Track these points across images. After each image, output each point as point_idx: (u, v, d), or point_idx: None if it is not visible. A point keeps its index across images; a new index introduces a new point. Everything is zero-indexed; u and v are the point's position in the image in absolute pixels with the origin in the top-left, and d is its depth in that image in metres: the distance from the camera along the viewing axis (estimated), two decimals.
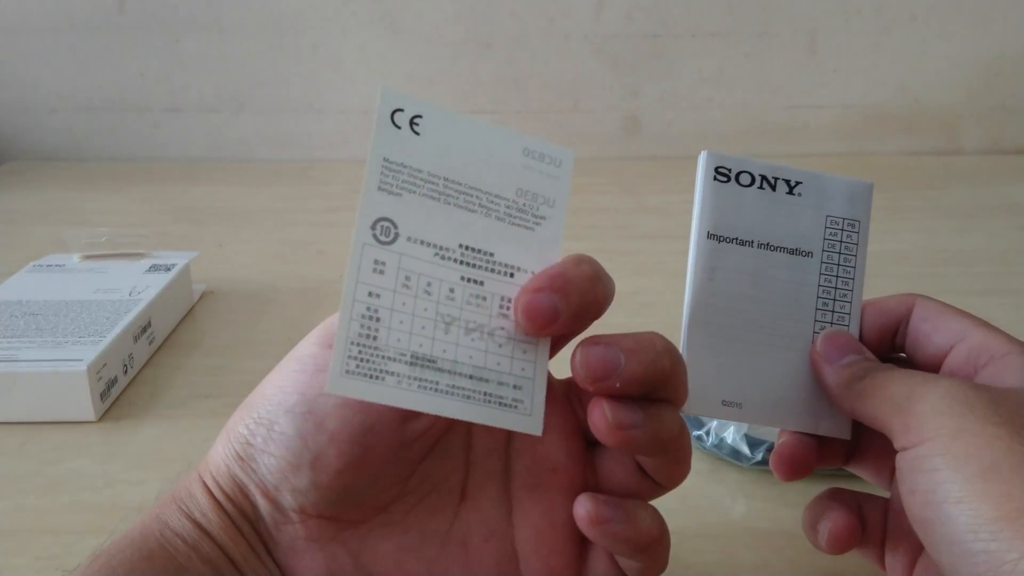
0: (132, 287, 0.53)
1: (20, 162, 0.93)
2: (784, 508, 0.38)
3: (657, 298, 0.57)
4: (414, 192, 0.26)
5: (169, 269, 0.56)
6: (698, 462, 0.40)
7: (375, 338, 0.24)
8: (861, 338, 0.31)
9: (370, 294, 0.24)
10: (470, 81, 0.92)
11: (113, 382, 0.47)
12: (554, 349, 0.28)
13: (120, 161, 0.93)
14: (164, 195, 0.83)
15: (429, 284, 0.25)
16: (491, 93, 0.92)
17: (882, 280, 0.33)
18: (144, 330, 0.51)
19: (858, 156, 0.94)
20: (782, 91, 0.93)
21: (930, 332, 0.30)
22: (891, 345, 0.31)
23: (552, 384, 0.29)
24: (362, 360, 0.24)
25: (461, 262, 0.26)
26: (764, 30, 0.90)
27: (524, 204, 0.27)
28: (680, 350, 0.28)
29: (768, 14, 0.90)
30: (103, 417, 0.46)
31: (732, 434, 0.40)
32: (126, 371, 0.49)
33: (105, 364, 0.46)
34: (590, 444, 0.30)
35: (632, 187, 0.85)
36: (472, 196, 0.26)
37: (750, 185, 0.31)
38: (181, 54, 0.91)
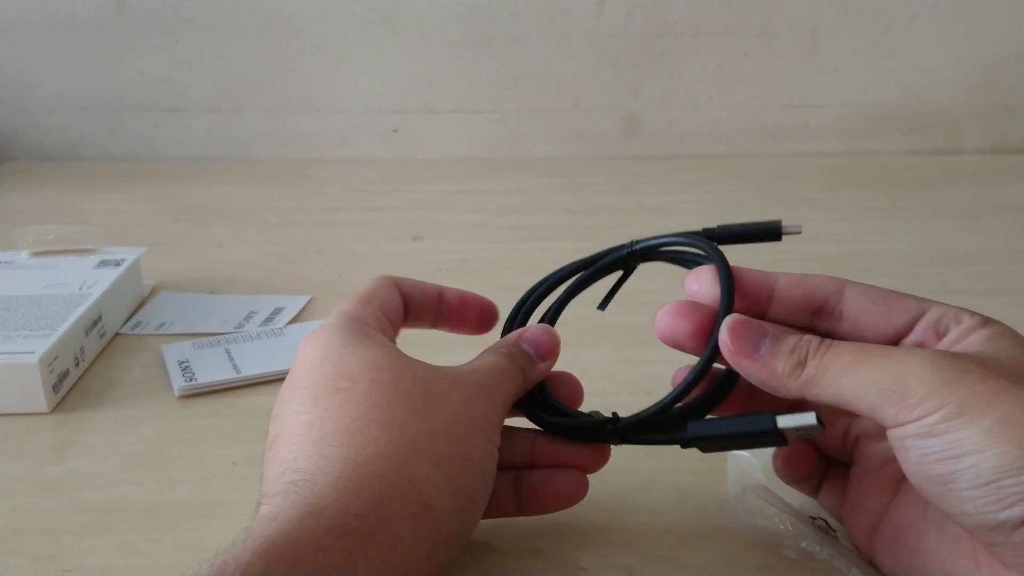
0: (82, 282, 0.54)
1: (20, 162, 0.93)
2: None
3: (657, 298, 0.57)
4: None
5: (119, 264, 0.57)
6: (699, 461, 0.40)
7: None
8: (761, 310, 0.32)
9: None
10: (470, 81, 0.92)
11: (65, 374, 0.48)
12: None
13: (120, 161, 0.93)
14: (164, 195, 0.83)
15: None
16: (491, 93, 0.92)
17: (883, 280, 0.33)
18: (95, 323, 0.52)
19: (858, 156, 0.94)
20: (782, 90, 0.92)
21: (885, 313, 0.30)
22: (808, 323, 0.31)
23: None
24: None
25: None
26: (764, 29, 0.90)
27: None
28: None
29: (768, 13, 0.89)
30: (56, 409, 0.47)
31: None
32: (78, 363, 0.49)
33: (57, 356, 0.47)
34: None
35: (632, 187, 0.85)
36: None
37: None
38: (181, 54, 0.91)
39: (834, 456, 0.33)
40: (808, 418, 0.28)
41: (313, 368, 0.31)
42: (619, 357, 0.50)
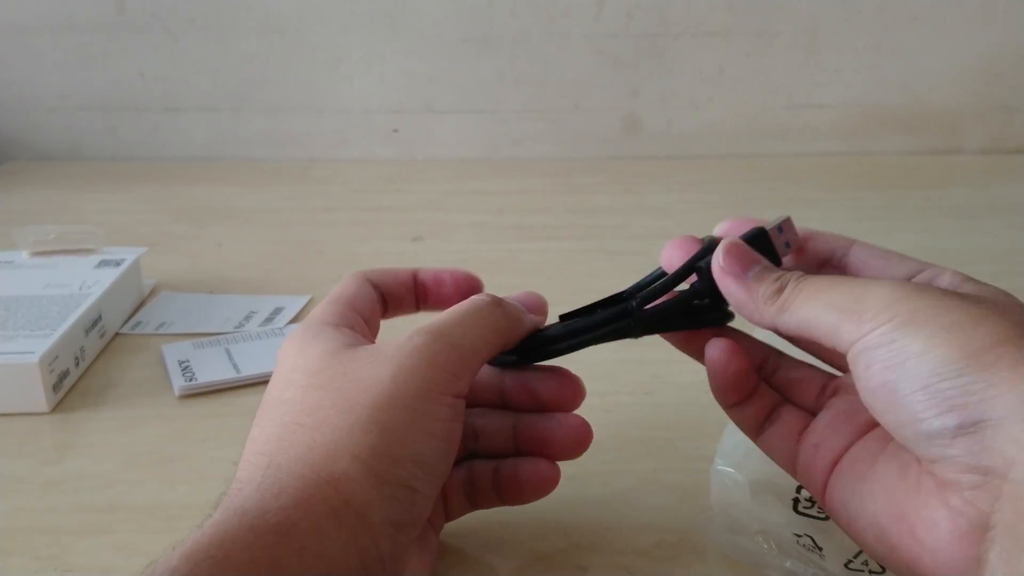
0: (82, 282, 0.54)
1: (19, 162, 0.93)
2: (785, 508, 0.38)
3: None
4: None
5: (119, 264, 0.57)
6: (699, 463, 0.40)
7: None
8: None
9: None
10: (470, 81, 0.92)
11: (65, 374, 0.48)
12: None
13: (119, 161, 0.93)
14: (164, 195, 0.83)
15: None
16: (491, 93, 0.92)
17: None
18: (95, 323, 0.52)
19: (858, 156, 0.94)
20: (782, 90, 0.92)
21: (884, 267, 0.31)
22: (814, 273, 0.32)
23: None
24: None
25: None
26: (764, 29, 0.90)
27: None
28: None
29: (769, 13, 0.89)
30: (56, 409, 0.47)
31: None
32: (78, 363, 0.50)
33: (57, 356, 0.47)
34: None
35: (632, 187, 0.85)
36: None
37: None
38: (181, 54, 0.91)
39: (806, 406, 0.33)
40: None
41: (273, 379, 0.32)
42: (619, 357, 0.50)
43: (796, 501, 0.35)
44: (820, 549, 0.33)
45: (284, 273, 0.65)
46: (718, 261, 0.31)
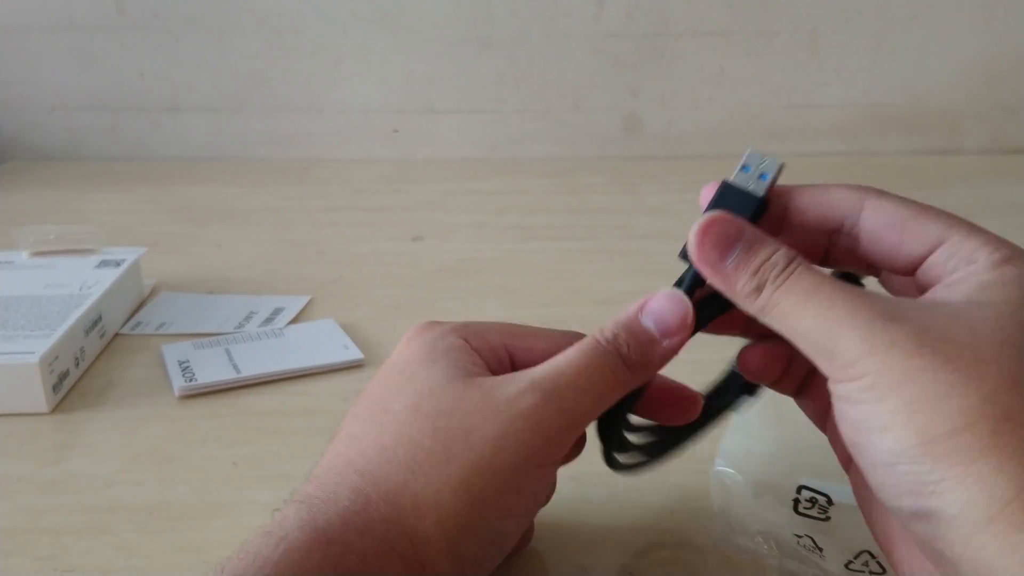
0: (82, 282, 0.54)
1: (19, 162, 0.93)
2: (785, 508, 0.38)
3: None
4: None
5: (119, 264, 0.57)
6: (699, 464, 0.40)
7: None
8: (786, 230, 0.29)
9: None
10: (470, 81, 0.92)
11: (65, 375, 0.48)
12: None
13: (119, 161, 0.93)
14: (164, 195, 0.83)
15: None
16: (491, 93, 0.92)
17: None
18: (95, 324, 0.52)
19: (859, 156, 0.94)
20: (783, 90, 0.92)
21: (898, 243, 0.28)
22: (826, 242, 0.29)
23: None
24: None
25: None
26: (765, 29, 0.90)
27: None
28: None
29: (769, 13, 0.89)
30: (56, 409, 0.47)
31: None
32: (78, 364, 0.50)
33: (57, 356, 0.47)
34: None
35: (632, 187, 0.85)
36: None
37: None
38: (181, 54, 0.91)
39: None
40: None
41: (389, 375, 0.31)
42: None
43: (796, 502, 0.35)
44: (820, 550, 0.33)
45: (284, 273, 0.65)
46: (692, 250, 0.27)
